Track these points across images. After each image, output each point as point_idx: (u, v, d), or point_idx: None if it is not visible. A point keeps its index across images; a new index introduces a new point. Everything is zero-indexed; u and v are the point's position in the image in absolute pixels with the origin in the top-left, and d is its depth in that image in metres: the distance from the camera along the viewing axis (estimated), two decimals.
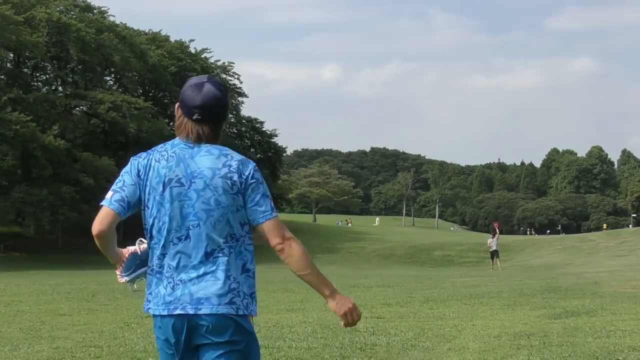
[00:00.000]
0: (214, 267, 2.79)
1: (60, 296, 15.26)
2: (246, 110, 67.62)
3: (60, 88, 49.72)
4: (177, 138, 2.91)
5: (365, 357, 7.11)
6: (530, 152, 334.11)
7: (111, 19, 50.22)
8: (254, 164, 2.92)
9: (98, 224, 2.83)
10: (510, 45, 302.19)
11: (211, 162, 2.82)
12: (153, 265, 2.87)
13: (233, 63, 59.09)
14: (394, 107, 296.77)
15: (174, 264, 2.80)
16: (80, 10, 47.67)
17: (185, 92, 2.89)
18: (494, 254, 31.31)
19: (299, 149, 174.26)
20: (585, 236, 54.13)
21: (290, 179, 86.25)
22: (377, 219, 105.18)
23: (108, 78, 52.18)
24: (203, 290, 2.76)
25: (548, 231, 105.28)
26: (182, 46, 54.02)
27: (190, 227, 2.79)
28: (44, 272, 29.34)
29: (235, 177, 2.82)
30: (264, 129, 62.15)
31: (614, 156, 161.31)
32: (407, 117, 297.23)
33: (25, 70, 48.52)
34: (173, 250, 2.81)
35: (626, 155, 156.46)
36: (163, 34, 54.43)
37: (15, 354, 7.37)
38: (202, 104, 2.84)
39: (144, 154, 2.96)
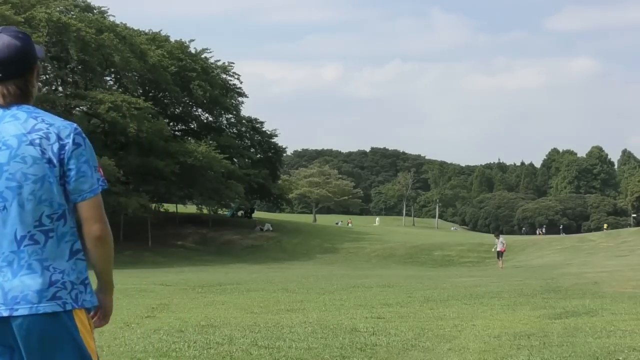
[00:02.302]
0: (28, 257, 2.34)
1: None
2: (246, 110, 67.74)
3: (60, 88, 49.70)
4: None
5: (365, 357, 7.10)
6: (530, 152, 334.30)
7: (111, 19, 50.21)
8: (76, 125, 2.46)
9: None
10: (511, 45, 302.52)
11: (17, 128, 2.38)
12: None
13: (233, 63, 59.09)
14: (394, 107, 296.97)
15: None
16: (80, 10, 47.66)
17: None
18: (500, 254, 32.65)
19: (299, 149, 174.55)
20: (585, 236, 54.10)
21: (290, 179, 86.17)
22: (377, 219, 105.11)
23: (108, 78, 52.15)
24: (18, 286, 2.31)
25: (543, 229, 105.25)
26: (182, 46, 53.98)
27: None
28: None
29: (47, 143, 2.36)
30: (264, 129, 62.13)
31: (614, 156, 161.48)
32: (407, 117, 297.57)
33: None
34: None
35: (626, 155, 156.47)
36: (163, 34, 54.39)
37: None
38: None
39: None
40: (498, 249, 32.35)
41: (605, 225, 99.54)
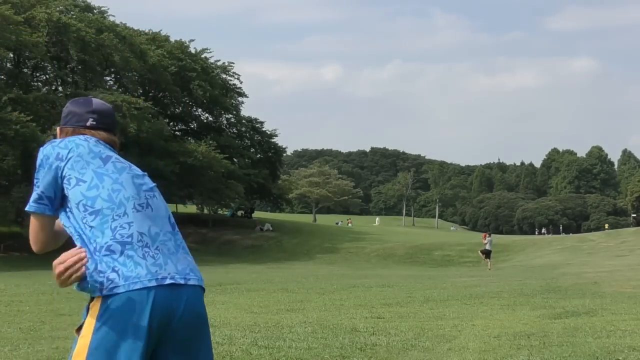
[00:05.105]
0: (180, 241, 2.67)
1: (60, 296, 15.23)
2: (246, 110, 67.73)
3: (60, 88, 49.71)
4: None
5: (365, 357, 7.10)
6: (530, 152, 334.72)
7: (111, 18, 50.18)
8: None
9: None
10: (511, 45, 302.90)
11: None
12: (114, 240, 2.49)
13: (233, 63, 59.05)
14: (394, 107, 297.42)
15: (145, 231, 2.54)
16: (80, 10, 47.63)
17: (72, 105, 2.84)
18: (488, 254, 32.45)
19: (299, 149, 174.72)
20: (585, 236, 54.05)
21: (290, 179, 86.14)
22: (377, 219, 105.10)
23: (108, 78, 52.13)
24: (183, 260, 2.59)
25: (544, 229, 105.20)
26: (182, 46, 53.95)
27: (148, 197, 2.64)
28: (44, 272, 29.28)
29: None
30: (264, 129, 62.09)
31: (614, 156, 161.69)
32: (407, 117, 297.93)
33: (25, 70, 48.49)
34: (139, 217, 2.56)
35: (626, 155, 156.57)
36: (163, 34, 54.34)
37: (15, 354, 7.36)
38: (96, 109, 2.80)
39: (57, 141, 2.72)
40: (488, 248, 32.42)
41: (605, 225, 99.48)
